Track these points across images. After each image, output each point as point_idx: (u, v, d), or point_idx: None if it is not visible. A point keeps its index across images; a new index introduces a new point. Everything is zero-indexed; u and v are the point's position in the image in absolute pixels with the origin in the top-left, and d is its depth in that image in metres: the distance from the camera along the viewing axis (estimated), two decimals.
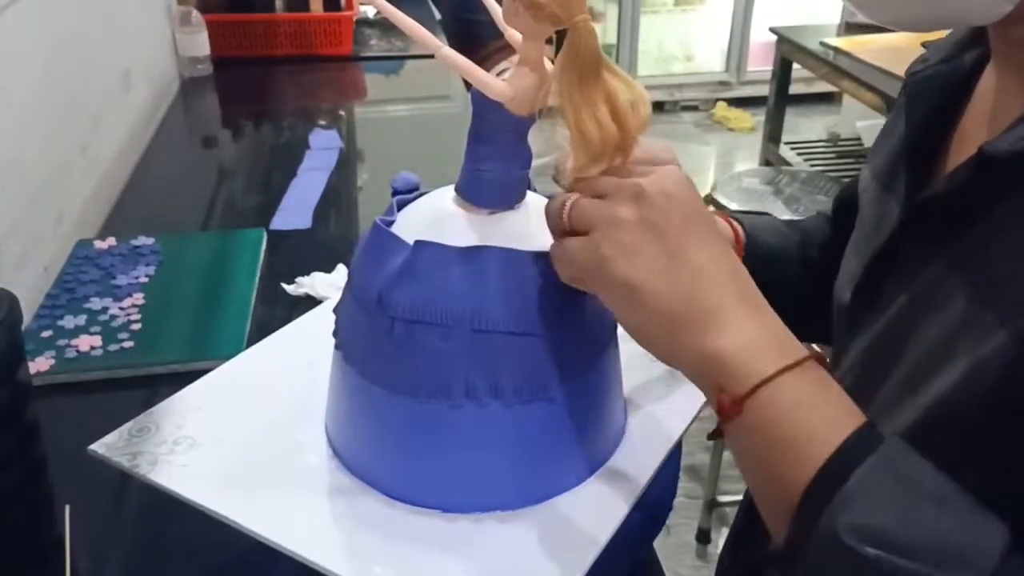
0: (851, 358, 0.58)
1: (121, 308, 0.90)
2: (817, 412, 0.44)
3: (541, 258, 0.54)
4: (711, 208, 0.69)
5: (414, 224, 0.57)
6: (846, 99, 3.26)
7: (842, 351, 0.60)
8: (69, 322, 0.87)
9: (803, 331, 0.71)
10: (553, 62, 0.50)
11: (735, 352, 0.45)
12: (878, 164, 0.63)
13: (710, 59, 4.42)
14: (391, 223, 0.57)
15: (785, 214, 2.04)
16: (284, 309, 0.93)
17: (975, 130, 0.54)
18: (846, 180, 0.73)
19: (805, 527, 0.42)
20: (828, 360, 0.48)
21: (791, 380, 0.44)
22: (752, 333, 0.45)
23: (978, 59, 0.57)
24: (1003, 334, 0.43)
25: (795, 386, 0.44)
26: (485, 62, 0.53)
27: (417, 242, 0.54)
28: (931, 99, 0.57)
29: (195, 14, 1.71)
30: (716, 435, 0.48)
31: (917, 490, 0.42)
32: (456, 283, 0.53)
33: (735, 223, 0.71)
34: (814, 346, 0.52)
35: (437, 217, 0.57)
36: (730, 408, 0.45)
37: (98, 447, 0.60)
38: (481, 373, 0.54)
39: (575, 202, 0.48)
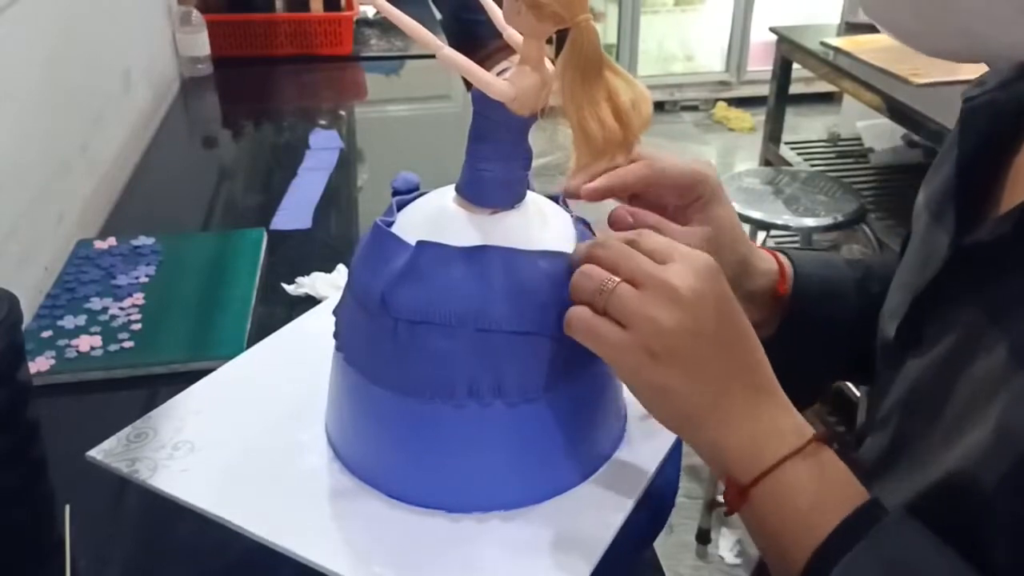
0: (892, 400, 0.57)
1: (121, 308, 0.90)
2: (813, 500, 0.48)
3: (543, 257, 0.54)
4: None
5: (415, 224, 0.57)
6: (846, 99, 3.26)
7: (885, 387, 0.58)
8: (69, 322, 0.87)
9: (860, 372, 0.70)
10: (554, 62, 0.51)
11: (742, 445, 0.49)
12: (930, 192, 0.61)
13: (710, 59, 4.42)
14: (391, 223, 0.57)
15: (785, 214, 2.04)
16: (284, 309, 0.93)
17: None
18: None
19: None
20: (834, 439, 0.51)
21: (791, 467, 0.48)
22: (760, 424, 0.49)
23: None
24: None
25: (795, 473, 0.48)
26: (485, 62, 0.53)
27: (419, 243, 0.54)
28: (986, 129, 0.55)
29: (195, 14, 1.71)
30: (731, 512, 0.52)
31: (904, 572, 0.44)
32: (459, 283, 0.53)
33: (780, 257, 0.70)
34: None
35: (438, 217, 0.57)
36: (735, 499, 0.49)
37: (96, 453, 0.60)
38: (484, 373, 0.54)
39: (616, 290, 0.49)
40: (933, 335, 0.53)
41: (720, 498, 0.53)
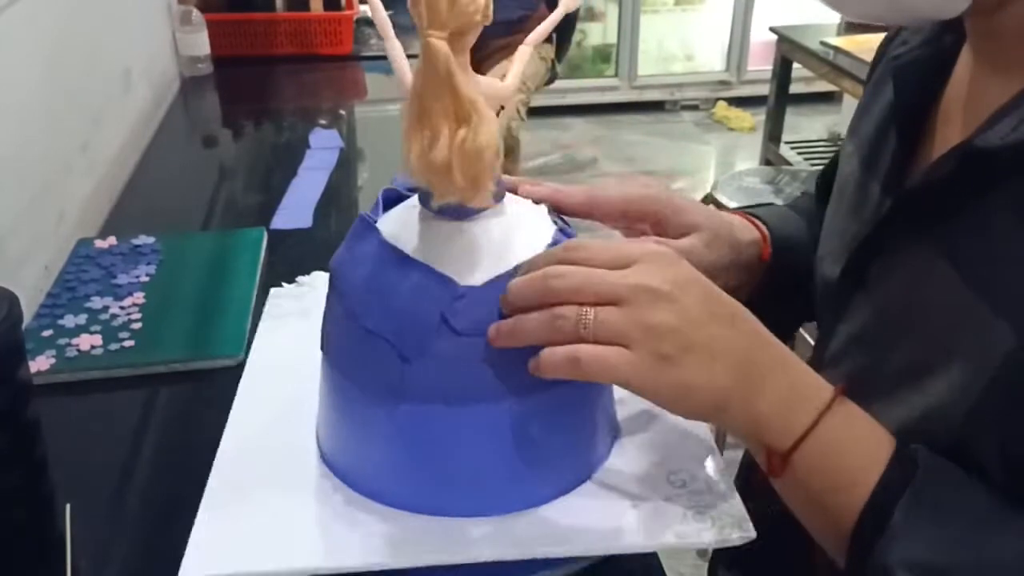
0: (841, 342, 0.59)
1: (122, 307, 0.90)
2: (852, 454, 0.49)
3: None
4: (711, 206, 0.70)
5: (393, 227, 0.57)
6: (846, 98, 3.26)
7: (829, 333, 0.61)
8: (69, 321, 0.87)
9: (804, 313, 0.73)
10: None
11: (774, 413, 0.49)
12: (860, 141, 0.64)
13: (710, 59, 4.42)
14: (374, 221, 0.58)
15: None
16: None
17: (955, 113, 0.54)
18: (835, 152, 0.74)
19: (859, 562, 0.47)
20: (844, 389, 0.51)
21: (826, 426, 0.49)
22: (784, 388, 0.49)
23: (954, 42, 0.57)
24: (1004, 325, 0.45)
25: (830, 432, 0.49)
26: (486, 61, 0.54)
27: (394, 249, 0.55)
28: (914, 84, 0.58)
29: (195, 13, 1.71)
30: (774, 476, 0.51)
31: (954, 515, 0.46)
32: (430, 292, 0.53)
33: (758, 222, 0.72)
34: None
35: (412, 221, 0.57)
36: (778, 466, 0.49)
37: None
38: (467, 377, 0.54)
39: (597, 316, 0.48)
40: (877, 276, 0.55)
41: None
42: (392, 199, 0.61)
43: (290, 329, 0.77)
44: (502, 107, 0.51)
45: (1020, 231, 0.45)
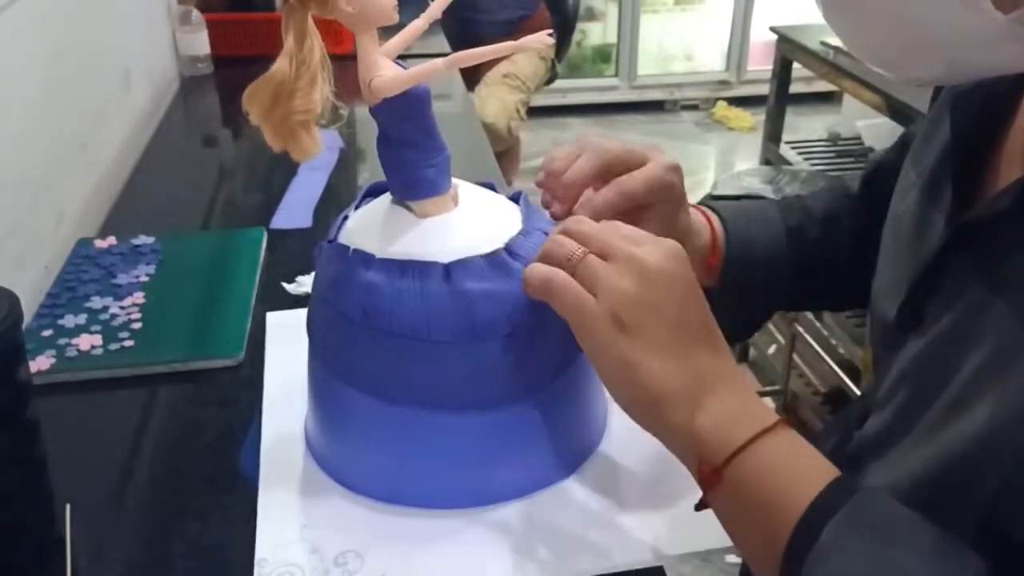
0: (894, 377, 0.57)
1: (122, 307, 0.90)
2: (790, 473, 0.47)
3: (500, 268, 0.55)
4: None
5: (369, 231, 0.58)
6: (846, 98, 3.26)
7: (885, 368, 0.59)
8: (69, 321, 0.87)
9: (794, 305, 0.76)
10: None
11: (713, 425, 0.48)
12: (921, 171, 0.62)
13: (710, 58, 4.42)
14: (334, 240, 0.59)
15: None
16: (284, 308, 0.93)
17: (1021, 146, 0.52)
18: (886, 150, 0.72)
19: None
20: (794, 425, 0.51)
21: (765, 445, 0.48)
22: (729, 405, 0.49)
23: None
24: None
25: (769, 450, 0.48)
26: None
27: (355, 251, 0.56)
28: (977, 111, 0.56)
29: (195, 13, 1.71)
30: (702, 506, 0.51)
31: (887, 536, 0.44)
32: (410, 295, 0.54)
33: (714, 222, 0.70)
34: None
35: (389, 222, 0.58)
36: (710, 477, 0.48)
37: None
38: (451, 380, 0.56)
39: (585, 258, 0.51)
40: (934, 313, 0.53)
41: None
42: (375, 192, 0.63)
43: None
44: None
45: None
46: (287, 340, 0.76)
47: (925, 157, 0.62)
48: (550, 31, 0.53)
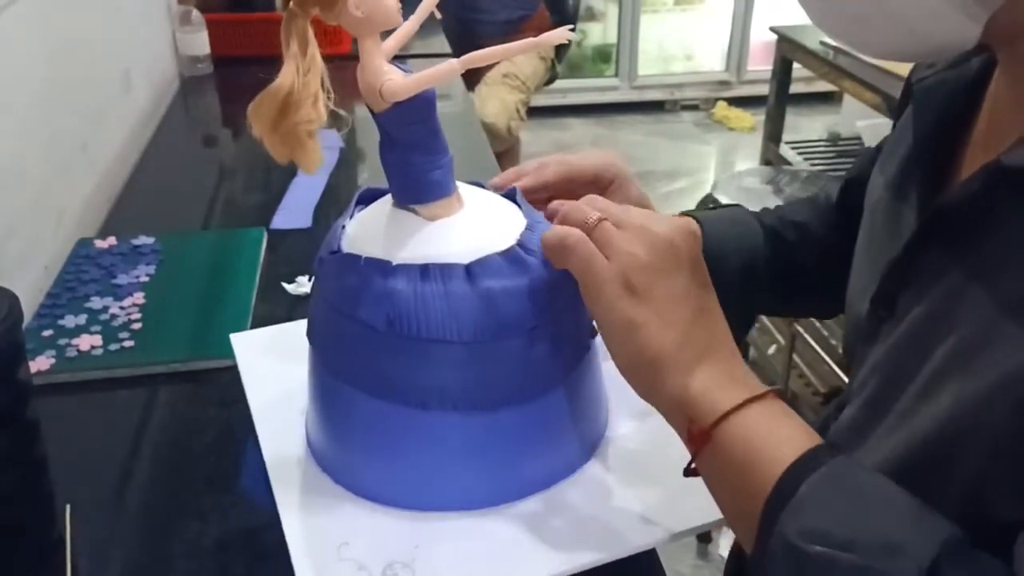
0: (868, 368, 0.58)
1: (122, 307, 0.90)
2: (776, 437, 0.49)
3: (508, 269, 0.55)
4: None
5: (372, 236, 0.58)
6: (846, 98, 3.26)
7: (860, 362, 0.60)
8: (70, 321, 0.87)
9: (773, 309, 0.79)
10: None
11: (706, 389, 0.51)
12: (889, 175, 0.63)
13: (710, 58, 4.42)
14: (337, 250, 0.59)
15: None
16: (284, 308, 0.93)
17: (987, 137, 0.53)
18: (854, 163, 0.74)
19: (765, 537, 0.46)
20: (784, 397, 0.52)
21: (754, 410, 0.50)
22: (723, 373, 0.51)
23: (984, 64, 0.56)
24: None
25: (758, 415, 0.50)
26: None
27: (367, 259, 0.56)
28: (940, 106, 0.57)
29: (195, 13, 1.71)
30: (690, 472, 0.52)
31: (862, 496, 0.45)
32: (434, 298, 0.54)
33: (693, 224, 0.72)
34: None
35: (394, 227, 0.58)
36: (700, 437, 0.50)
37: None
38: (449, 382, 0.55)
39: (600, 225, 0.53)
40: (907, 304, 0.55)
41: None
42: (366, 200, 0.62)
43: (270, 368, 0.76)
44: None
45: None
46: (258, 359, 0.75)
47: (892, 161, 0.63)
48: (572, 27, 0.54)
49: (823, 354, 2.01)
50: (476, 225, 0.57)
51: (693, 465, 0.52)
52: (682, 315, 0.52)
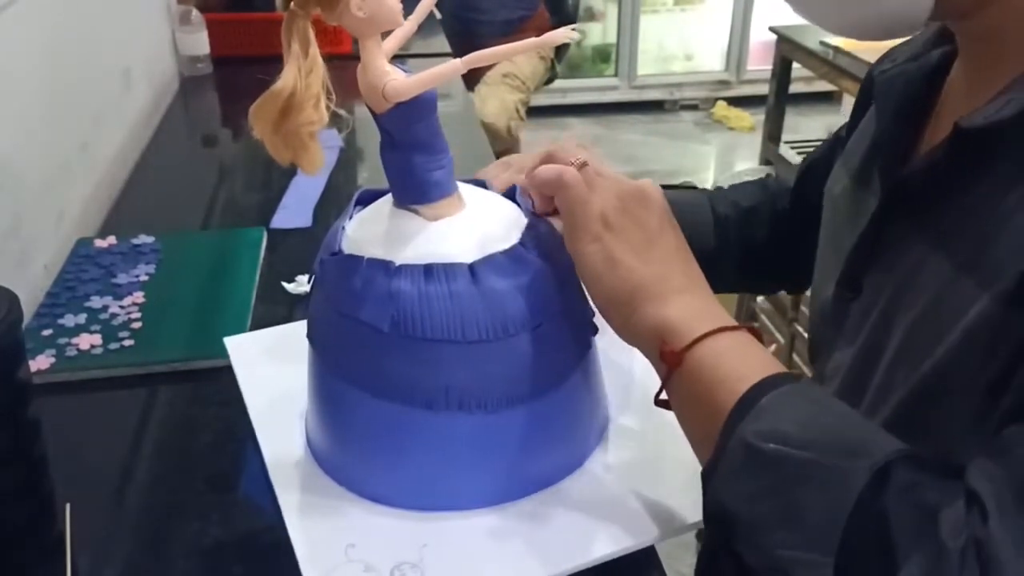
0: (841, 351, 0.59)
1: (121, 307, 0.90)
2: (747, 360, 0.51)
3: (505, 267, 0.55)
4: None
5: (374, 236, 0.58)
6: (846, 98, 3.26)
7: (831, 347, 0.61)
8: (69, 320, 0.87)
9: (728, 284, 0.80)
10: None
11: (681, 316, 0.53)
12: (853, 166, 0.65)
13: (710, 58, 4.42)
14: (337, 252, 0.59)
15: None
16: (284, 308, 0.93)
17: (947, 122, 0.55)
18: (811, 154, 0.77)
19: (723, 443, 0.47)
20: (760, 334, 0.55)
21: (726, 337, 0.51)
22: (698, 304, 0.54)
23: (945, 55, 0.58)
24: (986, 298, 0.45)
25: (730, 341, 0.52)
26: None
27: (370, 260, 0.56)
28: (901, 95, 0.59)
29: (195, 13, 1.71)
30: (661, 402, 0.54)
31: (823, 407, 0.47)
32: (439, 298, 0.54)
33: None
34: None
35: (395, 228, 0.58)
36: (672, 358, 0.52)
37: None
38: (450, 382, 0.55)
39: (585, 167, 0.58)
40: (873, 282, 0.57)
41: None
42: (364, 201, 0.62)
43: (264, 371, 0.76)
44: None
45: (1008, 204, 0.46)
46: (253, 362, 0.75)
47: (856, 154, 0.65)
48: (574, 26, 0.54)
49: None
50: (478, 224, 0.57)
51: (664, 395, 0.53)
52: (657, 254, 0.55)
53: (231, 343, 0.77)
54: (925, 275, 0.51)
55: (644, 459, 0.63)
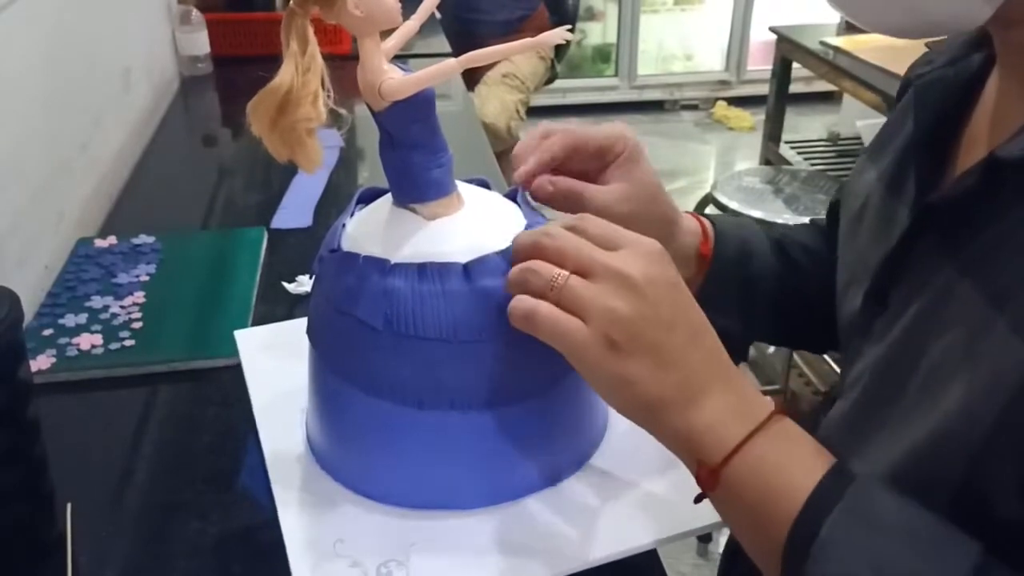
0: (863, 366, 0.58)
1: (122, 306, 0.90)
2: (786, 469, 0.47)
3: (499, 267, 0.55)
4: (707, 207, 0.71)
5: (371, 234, 0.58)
6: (846, 98, 3.26)
7: (854, 357, 0.60)
8: (70, 320, 0.87)
9: (775, 333, 0.74)
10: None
11: (708, 427, 0.48)
12: (884, 167, 0.63)
13: (710, 58, 4.42)
14: (336, 249, 0.59)
15: (785, 213, 2.04)
16: (285, 308, 0.93)
17: (983, 133, 0.54)
18: (846, 179, 0.73)
19: None
20: (788, 409, 0.50)
21: (759, 442, 0.47)
22: (722, 404, 0.48)
23: (984, 61, 0.56)
24: (1017, 341, 0.43)
25: (763, 447, 0.47)
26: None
27: (366, 258, 0.56)
28: (939, 102, 0.57)
29: (195, 13, 1.71)
30: (701, 499, 0.51)
31: (885, 530, 0.44)
32: (432, 297, 0.54)
33: (704, 220, 0.72)
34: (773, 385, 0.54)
35: (394, 226, 0.58)
36: (708, 479, 0.48)
37: None
38: (448, 381, 0.55)
39: (568, 282, 0.49)
40: (902, 300, 0.54)
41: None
42: (367, 199, 0.62)
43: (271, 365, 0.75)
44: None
45: None
46: (261, 356, 0.75)
47: (886, 153, 0.63)
48: (569, 26, 0.54)
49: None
50: (475, 224, 0.57)
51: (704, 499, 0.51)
52: (672, 353, 0.48)
53: (241, 336, 0.77)
54: (953, 303, 0.49)
55: (644, 460, 0.62)
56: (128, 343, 0.85)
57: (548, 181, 0.64)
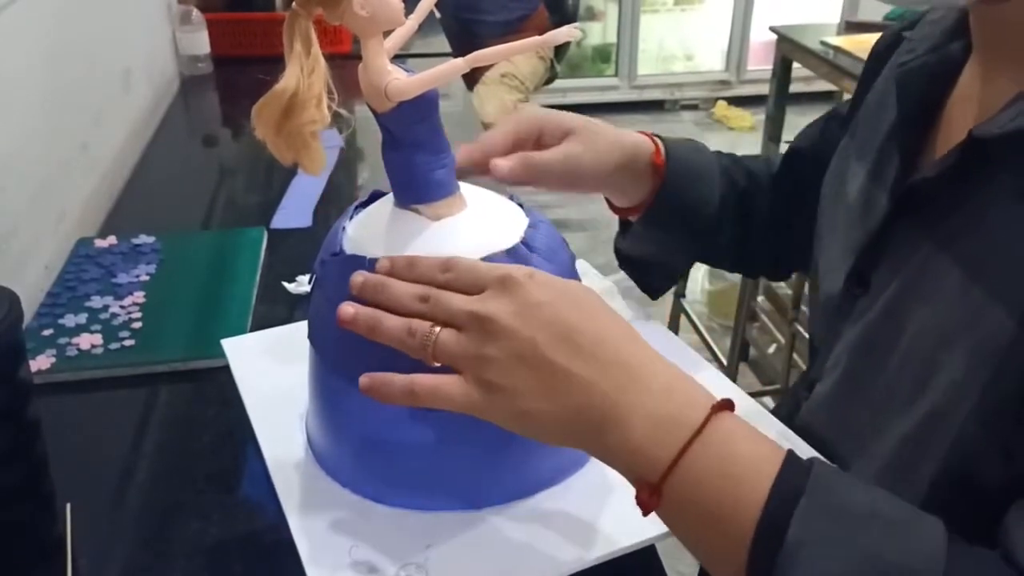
0: (843, 345, 0.59)
1: (122, 306, 0.90)
2: (732, 477, 0.44)
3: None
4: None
5: (374, 235, 0.58)
6: (846, 98, 3.27)
7: (834, 338, 0.61)
8: (70, 320, 0.87)
9: (720, 256, 0.78)
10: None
11: (637, 447, 0.45)
12: (862, 146, 0.64)
13: (710, 58, 4.42)
14: (338, 252, 0.58)
15: None
16: (285, 308, 0.93)
17: (961, 117, 0.55)
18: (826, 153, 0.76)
19: None
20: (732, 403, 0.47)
21: (697, 451, 0.44)
22: (647, 418, 0.45)
23: (963, 50, 0.58)
24: (998, 310, 0.45)
25: (703, 456, 0.44)
26: None
27: (371, 260, 0.55)
28: (920, 90, 0.59)
29: (195, 13, 1.71)
30: (647, 513, 0.48)
31: (850, 519, 0.42)
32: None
33: (655, 137, 0.73)
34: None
35: (396, 227, 0.58)
36: (649, 501, 0.45)
37: None
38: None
39: (439, 338, 0.48)
40: (881, 280, 0.56)
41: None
42: (369, 203, 0.62)
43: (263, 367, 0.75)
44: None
45: (1017, 218, 0.46)
46: (251, 363, 0.74)
47: (870, 142, 0.64)
48: (576, 24, 0.54)
49: None
50: (480, 224, 0.57)
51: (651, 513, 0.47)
52: (568, 374, 0.46)
53: (228, 344, 0.77)
54: (932, 279, 0.50)
55: None
56: (128, 343, 0.85)
57: (503, 160, 0.66)
